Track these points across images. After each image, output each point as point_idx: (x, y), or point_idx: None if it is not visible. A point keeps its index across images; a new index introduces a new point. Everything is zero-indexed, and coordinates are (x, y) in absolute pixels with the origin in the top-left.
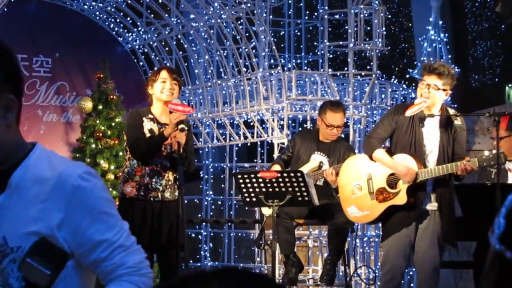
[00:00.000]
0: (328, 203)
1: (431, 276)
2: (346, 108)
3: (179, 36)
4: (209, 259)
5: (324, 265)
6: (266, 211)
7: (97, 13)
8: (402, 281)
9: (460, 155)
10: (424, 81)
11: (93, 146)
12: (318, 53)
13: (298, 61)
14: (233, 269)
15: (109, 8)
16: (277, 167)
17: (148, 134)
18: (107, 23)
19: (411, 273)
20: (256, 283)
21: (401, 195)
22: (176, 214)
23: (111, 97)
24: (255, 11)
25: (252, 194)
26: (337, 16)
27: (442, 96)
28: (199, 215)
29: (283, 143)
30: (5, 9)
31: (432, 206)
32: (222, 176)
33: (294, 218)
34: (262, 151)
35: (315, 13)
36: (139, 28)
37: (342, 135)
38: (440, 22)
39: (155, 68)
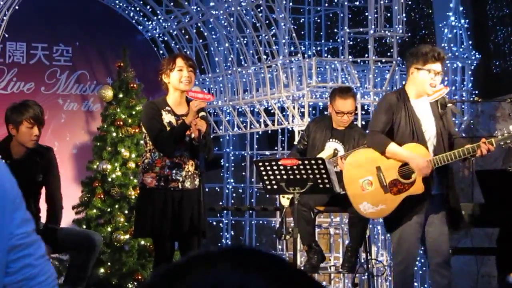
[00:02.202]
0: None
1: (446, 261)
2: (366, 94)
3: (199, 24)
4: None
5: (345, 252)
6: (285, 201)
7: (117, 1)
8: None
9: (456, 135)
10: (432, 70)
11: (114, 134)
12: (338, 40)
13: (318, 48)
14: (241, 248)
15: None
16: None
17: (167, 127)
18: (126, 12)
19: (422, 260)
20: (268, 262)
21: (417, 184)
22: (197, 200)
23: (132, 85)
24: None
25: (273, 182)
26: (357, 3)
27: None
28: (220, 203)
29: (303, 131)
30: None
31: (438, 191)
32: (243, 164)
33: (313, 207)
34: (283, 138)
35: (335, 0)
36: (159, 16)
37: (363, 122)
38: (461, 8)
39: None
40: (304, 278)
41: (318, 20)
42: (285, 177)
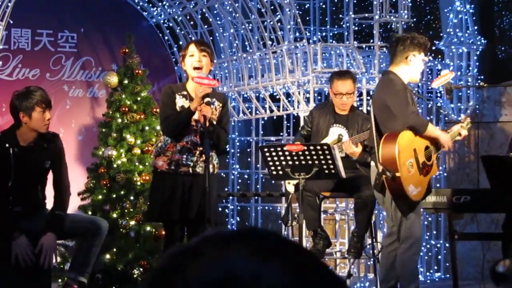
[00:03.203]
0: (354, 176)
1: None
2: (371, 80)
3: (204, 10)
4: None
5: (351, 238)
6: (290, 188)
7: None
8: None
9: None
10: (424, 59)
11: (119, 120)
12: (344, 25)
13: (324, 34)
14: (253, 230)
15: None
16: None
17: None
18: None
19: (438, 245)
20: (284, 250)
21: (434, 166)
22: (202, 187)
23: (137, 71)
24: None
25: (279, 168)
26: None
27: None
28: (226, 189)
29: (307, 117)
30: None
31: None
32: (248, 149)
33: (318, 193)
34: (288, 124)
35: None
36: (164, 2)
37: (368, 108)
38: None
39: (182, 42)
40: (323, 271)
41: (323, 6)
42: (290, 163)
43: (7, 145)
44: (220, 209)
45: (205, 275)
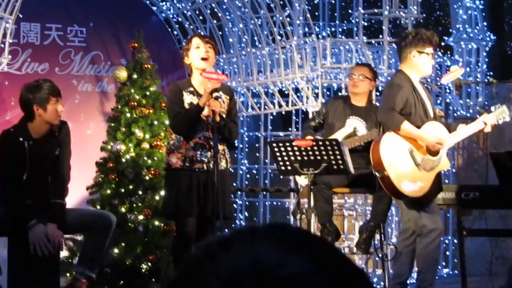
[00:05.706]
0: (371, 172)
1: None
2: (380, 75)
3: (213, 5)
4: None
5: (364, 231)
6: (302, 181)
7: None
8: None
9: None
10: (431, 53)
11: (128, 115)
12: (353, 21)
13: (333, 29)
14: (279, 225)
15: None
16: (309, 138)
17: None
18: None
19: (446, 241)
20: (310, 244)
21: (444, 160)
22: (222, 183)
23: (146, 66)
24: None
25: (287, 163)
26: None
27: None
28: (234, 184)
29: (320, 108)
30: None
31: None
32: (257, 145)
33: (333, 188)
34: (297, 119)
35: None
36: None
37: (377, 104)
38: None
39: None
40: (346, 264)
41: (333, 1)
42: (299, 158)
43: (21, 139)
44: None
45: (234, 264)
